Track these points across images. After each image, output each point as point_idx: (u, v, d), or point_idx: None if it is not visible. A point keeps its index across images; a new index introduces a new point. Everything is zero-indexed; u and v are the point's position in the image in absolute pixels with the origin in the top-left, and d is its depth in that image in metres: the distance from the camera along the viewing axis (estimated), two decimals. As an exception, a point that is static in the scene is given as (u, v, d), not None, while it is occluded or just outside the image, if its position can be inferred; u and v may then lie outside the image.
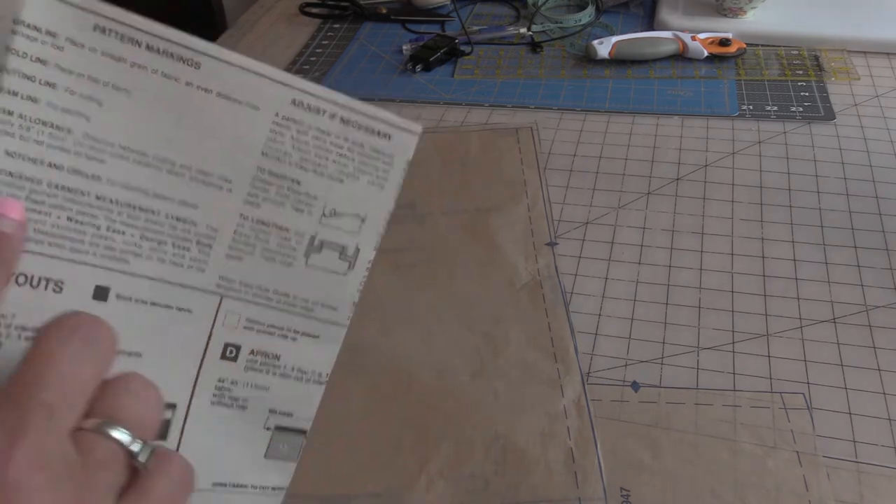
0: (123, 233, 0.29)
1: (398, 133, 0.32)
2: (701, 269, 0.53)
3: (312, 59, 0.81)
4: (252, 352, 0.32)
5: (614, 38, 0.76)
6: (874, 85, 0.71)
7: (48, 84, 0.28)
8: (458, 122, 0.69)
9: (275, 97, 0.30)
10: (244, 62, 0.30)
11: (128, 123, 0.29)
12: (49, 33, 0.27)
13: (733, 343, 0.48)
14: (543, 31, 0.83)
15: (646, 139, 0.66)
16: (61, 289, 0.29)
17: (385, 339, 0.49)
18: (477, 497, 0.41)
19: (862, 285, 0.51)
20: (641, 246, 0.55)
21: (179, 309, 0.31)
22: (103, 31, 0.28)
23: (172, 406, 0.31)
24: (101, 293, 0.29)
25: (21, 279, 0.28)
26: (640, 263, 0.54)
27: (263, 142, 0.30)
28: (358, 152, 0.32)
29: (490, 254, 0.54)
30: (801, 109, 0.68)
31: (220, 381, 0.31)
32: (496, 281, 0.52)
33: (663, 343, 0.48)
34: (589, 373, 0.46)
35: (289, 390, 0.33)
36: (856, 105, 0.68)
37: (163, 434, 0.30)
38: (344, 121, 0.31)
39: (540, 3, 0.85)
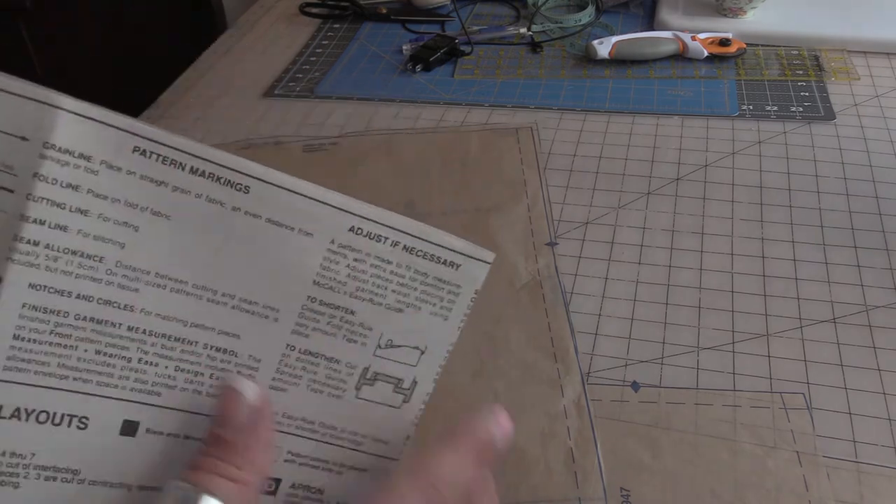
0: (156, 364, 0.27)
1: (468, 262, 0.30)
2: (701, 269, 0.53)
3: (312, 59, 0.81)
4: (293, 486, 0.30)
5: (614, 38, 0.76)
6: (874, 85, 0.71)
7: (80, 211, 0.25)
8: (458, 122, 0.69)
9: (331, 223, 0.28)
10: (300, 186, 0.27)
11: (166, 250, 0.26)
12: (83, 156, 0.25)
13: (733, 343, 0.48)
14: (543, 31, 0.83)
15: (646, 139, 0.66)
16: (86, 425, 0.27)
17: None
18: (477, 497, 0.41)
19: (862, 285, 0.51)
20: (641, 246, 0.55)
21: None
22: (144, 153, 0.25)
23: None
24: (129, 428, 0.27)
25: (42, 416, 0.26)
26: (640, 263, 0.54)
27: (316, 270, 0.28)
28: (421, 282, 0.29)
29: (490, 254, 0.54)
30: (801, 109, 0.68)
31: None
32: (496, 281, 0.52)
33: (663, 343, 0.48)
34: (589, 373, 0.46)
35: None
36: (856, 105, 0.68)
37: None
38: (408, 249, 0.29)
39: (540, 3, 0.85)
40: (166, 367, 0.27)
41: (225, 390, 0.28)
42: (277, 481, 0.29)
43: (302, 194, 0.27)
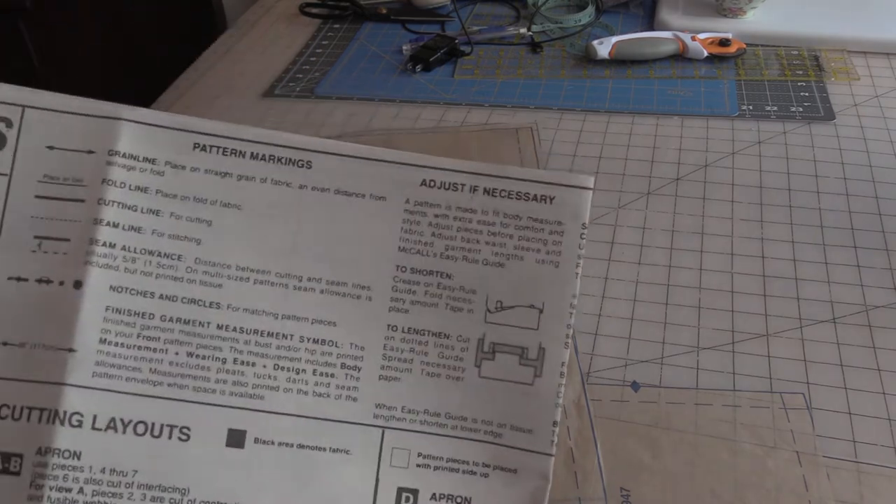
0: (253, 364, 0.26)
1: (563, 192, 0.26)
2: (701, 269, 0.53)
3: (312, 59, 0.81)
4: (434, 496, 0.26)
5: (614, 39, 0.76)
6: (874, 85, 0.71)
7: (151, 211, 0.25)
8: (458, 122, 0.69)
9: (401, 182, 0.26)
10: (360, 150, 0.26)
11: (243, 241, 0.26)
12: (147, 160, 0.25)
13: (733, 343, 0.48)
14: (543, 31, 0.83)
15: (646, 139, 0.66)
16: (188, 436, 0.25)
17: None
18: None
19: (862, 285, 0.51)
20: (641, 246, 0.55)
21: (334, 450, 0.26)
22: (204, 148, 0.25)
23: None
24: (236, 438, 0.25)
25: (140, 428, 0.25)
26: (640, 263, 0.54)
27: (398, 235, 0.26)
28: (515, 226, 0.26)
29: (490, 254, 0.54)
30: (800, 109, 0.68)
31: None
32: (496, 281, 0.52)
33: (663, 343, 0.48)
34: (589, 373, 0.46)
35: None
36: (856, 105, 0.68)
37: None
38: (489, 192, 0.26)
39: (540, 3, 0.85)
40: (264, 365, 0.26)
41: None
42: (414, 493, 0.26)
43: (365, 157, 0.26)
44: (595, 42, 0.76)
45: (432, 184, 0.26)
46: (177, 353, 0.25)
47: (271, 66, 0.80)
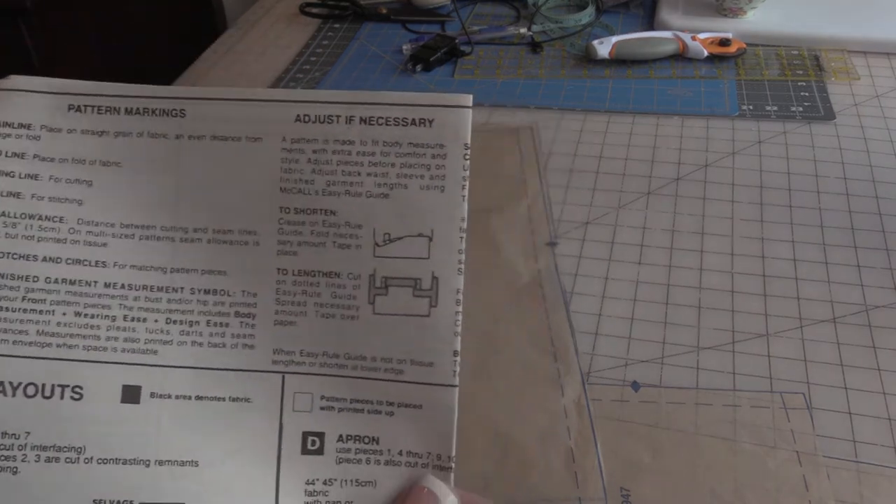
0: (144, 320, 0.25)
1: (442, 113, 0.25)
2: (701, 269, 0.53)
3: (312, 59, 0.81)
4: (341, 438, 0.26)
5: (614, 38, 0.76)
6: (874, 85, 0.71)
7: (29, 176, 0.25)
8: (458, 122, 0.69)
9: (275, 120, 0.26)
10: (229, 93, 0.26)
11: (125, 198, 0.26)
12: (22, 125, 0.25)
13: (733, 343, 0.48)
14: (543, 31, 0.83)
15: (646, 139, 0.66)
16: (81, 395, 0.25)
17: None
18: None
19: (862, 285, 0.51)
20: (641, 246, 0.55)
21: (234, 399, 0.25)
22: (78, 109, 0.25)
23: None
24: (131, 394, 0.25)
25: (30, 390, 0.24)
26: (640, 263, 0.54)
27: (278, 175, 0.26)
28: (396, 154, 0.25)
29: (490, 254, 0.54)
30: (801, 109, 0.68)
31: (308, 482, 0.25)
32: (496, 281, 0.52)
33: (663, 343, 0.48)
34: (589, 373, 0.46)
35: (403, 481, 0.26)
36: (856, 105, 0.68)
37: None
38: (366, 121, 0.25)
39: (540, 3, 0.85)
40: (156, 320, 0.25)
41: (417, 490, 0.25)
42: (320, 436, 0.26)
43: (236, 99, 0.25)
44: (595, 42, 0.76)
45: (307, 118, 0.25)
46: (64, 314, 0.25)
47: (271, 66, 0.80)
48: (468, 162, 0.26)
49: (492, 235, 0.56)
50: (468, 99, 0.25)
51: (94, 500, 0.25)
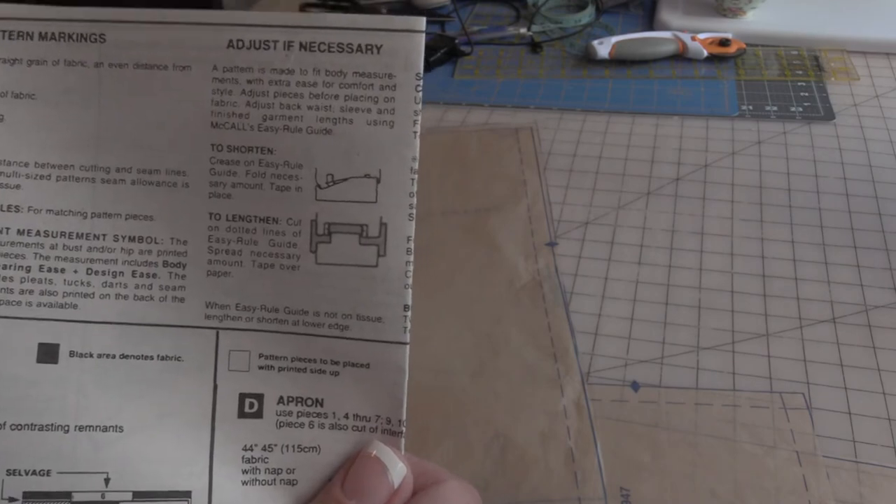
0: (63, 270, 0.23)
1: (392, 38, 0.23)
2: (701, 269, 0.53)
3: (312, 59, 0.81)
4: (281, 400, 0.24)
5: (614, 39, 0.76)
6: (874, 85, 0.71)
7: None
8: (458, 122, 0.69)
9: (205, 46, 0.22)
10: (154, 15, 0.22)
11: (40, 134, 0.23)
12: None
13: (733, 343, 0.48)
14: (543, 32, 0.83)
15: (645, 139, 0.66)
16: None
17: (385, 339, 0.49)
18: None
19: (862, 285, 0.51)
20: (641, 246, 0.55)
21: (162, 357, 0.23)
22: None
23: (186, 495, 0.23)
24: (48, 353, 0.23)
25: None
26: (640, 263, 0.54)
27: (209, 109, 0.23)
28: (340, 84, 0.23)
29: (490, 254, 0.54)
30: (800, 110, 0.68)
31: (246, 448, 0.23)
32: (496, 281, 0.52)
33: (663, 343, 0.48)
34: (589, 373, 0.46)
35: (349, 446, 0.24)
36: (855, 105, 0.68)
37: None
38: (306, 47, 0.22)
39: (540, 3, 0.85)
40: (75, 271, 0.23)
41: (365, 457, 0.23)
42: (259, 398, 0.23)
43: (162, 22, 0.22)
44: (595, 42, 0.76)
45: (241, 44, 0.22)
46: None
47: (271, 66, 0.80)
48: (420, 94, 0.23)
49: (492, 235, 0.56)
50: (420, 22, 0.23)
51: (7, 471, 0.22)
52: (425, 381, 0.46)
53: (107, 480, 0.22)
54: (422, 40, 0.23)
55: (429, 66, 0.77)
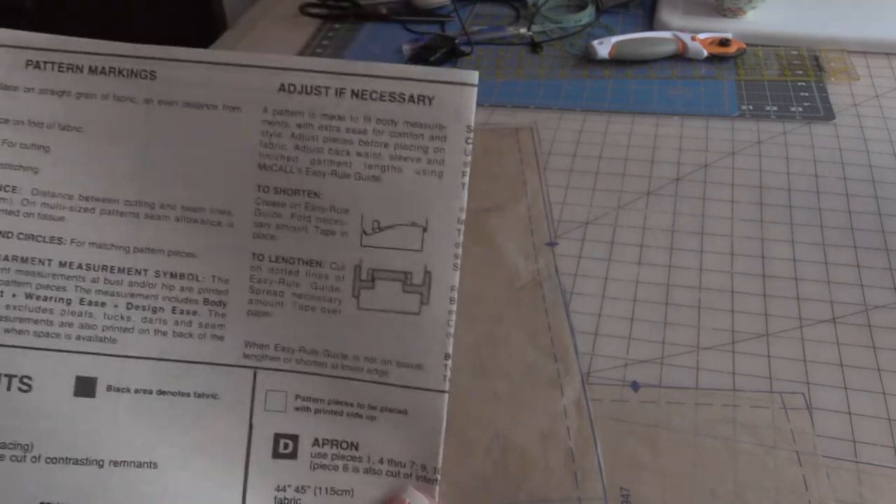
0: (103, 304, 0.23)
1: (444, 90, 0.23)
2: (701, 269, 0.53)
3: (312, 59, 0.81)
4: (316, 442, 0.24)
5: (614, 39, 0.76)
6: (874, 85, 0.71)
7: None
8: (458, 123, 0.69)
9: (256, 88, 0.23)
10: (206, 55, 0.23)
11: (86, 167, 0.23)
12: None
13: (733, 343, 0.48)
14: (543, 32, 0.83)
15: (645, 139, 0.66)
16: (30, 386, 0.22)
17: (385, 339, 0.49)
18: (477, 497, 0.41)
19: (862, 285, 0.51)
20: (641, 246, 0.55)
21: (199, 395, 0.23)
22: (37, 65, 0.22)
23: None
24: (85, 386, 0.23)
25: None
26: (640, 263, 0.54)
27: (257, 150, 0.23)
28: (390, 133, 0.23)
29: (490, 254, 0.54)
30: (800, 110, 0.68)
31: (279, 489, 0.23)
32: (496, 281, 0.52)
33: (663, 343, 0.48)
34: (589, 373, 0.46)
35: (383, 491, 0.24)
36: (855, 105, 0.68)
37: None
38: (358, 95, 0.23)
39: (540, 3, 0.85)
40: (115, 305, 0.23)
41: (397, 502, 0.23)
42: (294, 438, 0.23)
43: (214, 62, 0.23)
44: (595, 42, 0.76)
45: (292, 88, 0.22)
46: (14, 296, 0.22)
47: (271, 66, 0.80)
48: (471, 146, 0.23)
49: (492, 235, 0.56)
50: (473, 76, 0.23)
51: (41, 503, 0.22)
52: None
53: None
54: (474, 93, 0.23)
55: (429, 66, 0.77)
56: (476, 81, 0.23)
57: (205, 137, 0.23)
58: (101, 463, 0.23)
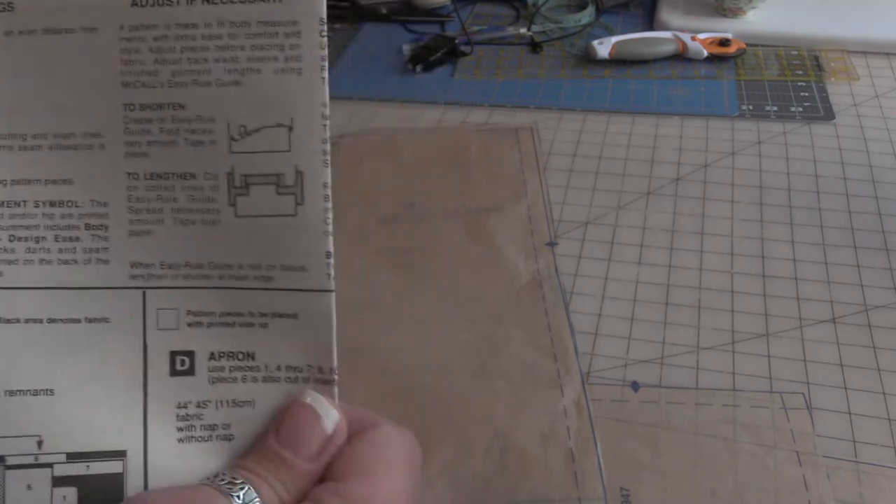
0: None
1: None
2: (701, 269, 0.53)
3: (312, 59, 0.81)
4: (213, 356, 0.24)
5: (614, 39, 0.76)
6: (874, 85, 0.71)
7: None
8: (458, 122, 0.69)
9: (109, 7, 0.23)
10: None
11: None
12: None
13: (733, 343, 0.48)
14: (543, 32, 0.83)
15: (645, 139, 0.66)
16: None
17: (385, 340, 0.49)
18: (477, 497, 0.41)
19: (862, 285, 0.51)
20: (641, 246, 0.55)
21: (90, 320, 0.23)
22: None
23: (121, 454, 0.23)
24: None
25: None
26: (640, 263, 0.54)
27: (118, 69, 0.23)
28: (245, 35, 0.23)
29: (490, 254, 0.54)
30: (800, 110, 0.68)
31: (180, 406, 0.23)
32: (496, 281, 0.52)
33: (663, 343, 0.48)
34: (589, 373, 0.46)
35: (283, 398, 0.24)
36: (855, 105, 0.68)
37: (116, 496, 0.22)
38: (209, 0, 0.23)
39: (540, 3, 0.85)
40: None
41: (298, 406, 0.23)
42: (190, 355, 0.23)
43: None
44: (595, 42, 0.76)
45: (144, 2, 0.22)
46: None
47: (271, 66, 0.80)
48: (325, 39, 0.23)
49: (492, 235, 0.56)
50: None
51: None
52: (426, 380, 0.46)
53: (40, 443, 0.23)
54: None
55: (429, 66, 0.77)
56: None
57: (67, 63, 0.23)
58: None
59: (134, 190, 0.23)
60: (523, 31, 0.82)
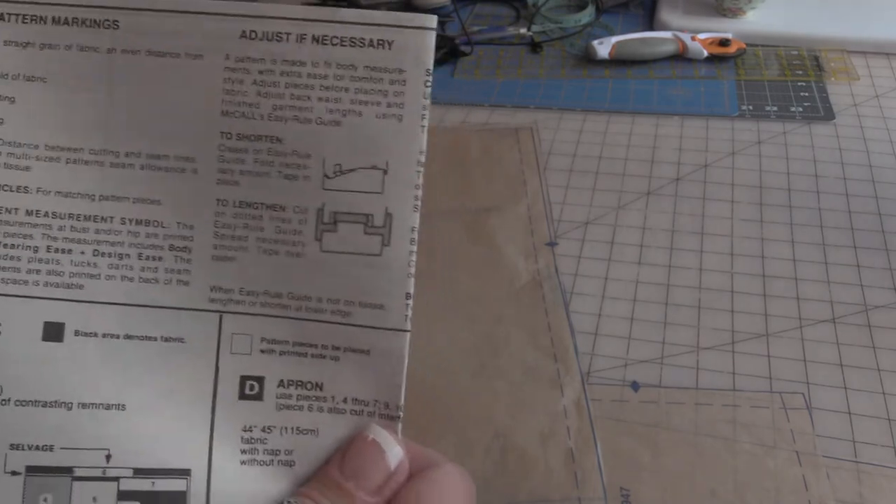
0: (70, 251, 0.23)
1: (403, 35, 0.23)
2: (701, 269, 0.53)
3: (312, 59, 0.81)
4: (282, 383, 0.24)
5: (614, 39, 0.76)
6: (874, 85, 0.71)
7: None
8: (458, 122, 0.69)
9: (218, 35, 0.23)
10: (167, 3, 0.23)
11: (51, 117, 0.23)
12: None
13: (733, 343, 0.48)
14: (543, 32, 0.83)
15: (645, 139, 0.66)
16: None
17: (385, 339, 0.49)
18: (477, 497, 0.41)
19: (862, 285, 0.51)
20: (641, 246, 0.55)
21: (166, 339, 0.24)
22: (1, 17, 0.23)
23: (185, 473, 0.23)
24: (53, 331, 0.23)
25: None
26: (640, 263, 0.54)
27: (220, 98, 0.23)
28: (351, 77, 0.23)
29: (490, 254, 0.54)
30: (800, 110, 0.68)
31: (246, 429, 0.24)
32: (496, 281, 0.52)
33: (663, 343, 0.48)
34: (589, 373, 0.46)
35: (347, 430, 0.24)
36: (855, 105, 0.68)
37: None
38: (319, 40, 0.23)
39: (540, 4, 0.85)
40: (82, 252, 0.23)
41: (362, 439, 0.23)
42: (259, 380, 0.24)
43: (175, 10, 0.23)
44: (595, 42, 0.76)
45: (254, 35, 0.23)
46: None
47: (271, 66, 0.80)
48: (429, 90, 0.23)
49: (492, 235, 0.56)
50: (431, 20, 0.23)
51: (10, 445, 0.23)
52: (425, 380, 0.46)
53: (108, 457, 0.23)
54: (432, 37, 0.23)
55: (429, 66, 0.77)
56: (434, 25, 0.23)
57: (168, 86, 0.23)
58: (69, 405, 0.23)
59: (221, 216, 0.24)
60: (523, 31, 0.82)
